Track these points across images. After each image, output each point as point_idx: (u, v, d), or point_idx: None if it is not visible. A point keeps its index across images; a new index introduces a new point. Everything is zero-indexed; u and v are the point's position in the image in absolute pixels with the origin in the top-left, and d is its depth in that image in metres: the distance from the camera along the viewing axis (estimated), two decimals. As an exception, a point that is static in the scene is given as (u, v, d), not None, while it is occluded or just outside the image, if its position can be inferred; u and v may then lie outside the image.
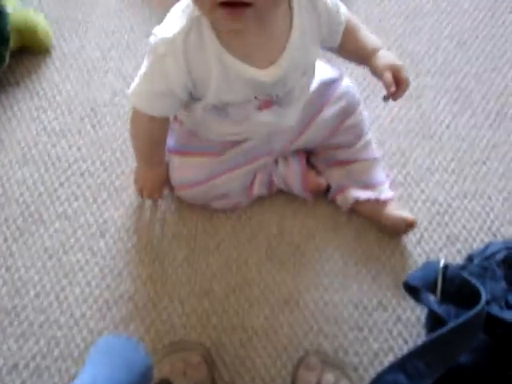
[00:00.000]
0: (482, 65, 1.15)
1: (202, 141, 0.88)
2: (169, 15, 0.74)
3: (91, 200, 0.95)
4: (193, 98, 0.78)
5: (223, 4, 0.62)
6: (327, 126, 0.92)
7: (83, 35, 1.12)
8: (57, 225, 0.92)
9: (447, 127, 1.06)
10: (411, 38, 1.17)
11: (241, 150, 0.89)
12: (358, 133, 0.94)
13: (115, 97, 1.04)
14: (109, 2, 1.17)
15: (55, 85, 1.06)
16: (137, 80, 0.77)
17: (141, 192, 0.92)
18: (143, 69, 0.76)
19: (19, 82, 1.05)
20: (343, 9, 0.81)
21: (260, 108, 0.80)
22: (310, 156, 0.97)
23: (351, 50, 0.86)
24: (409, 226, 0.91)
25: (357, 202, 0.93)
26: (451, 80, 1.12)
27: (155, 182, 0.91)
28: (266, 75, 0.75)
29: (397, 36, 1.17)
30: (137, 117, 0.82)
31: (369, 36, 0.86)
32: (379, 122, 1.05)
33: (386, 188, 0.94)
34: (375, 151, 0.96)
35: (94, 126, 1.01)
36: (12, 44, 1.03)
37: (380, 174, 0.95)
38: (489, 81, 1.13)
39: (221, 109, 0.79)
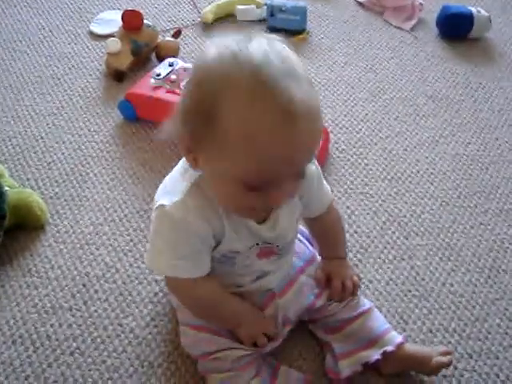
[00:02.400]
0: (468, 222, 1.18)
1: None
2: (166, 184, 0.78)
3: (81, 381, 0.90)
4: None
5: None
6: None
7: (77, 211, 1.14)
8: (43, 411, 0.86)
9: (443, 285, 1.06)
10: (397, 201, 1.21)
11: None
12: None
13: (107, 272, 1.04)
14: (101, 179, 1.22)
15: (48, 260, 1.06)
16: (157, 254, 0.79)
17: (259, 343, 0.87)
18: (161, 240, 0.77)
19: (12, 259, 1.05)
20: (328, 197, 0.92)
21: (259, 255, 0.83)
22: (309, 324, 0.95)
23: (321, 235, 0.97)
24: (443, 354, 0.89)
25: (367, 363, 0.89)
26: (441, 239, 1.14)
27: (254, 321, 0.88)
28: (266, 230, 0.80)
29: (382, 199, 1.21)
30: (179, 289, 0.84)
31: (342, 240, 0.98)
32: (374, 286, 1.04)
33: (393, 335, 0.90)
34: (366, 302, 0.95)
35: (85, 303, 0.99)
36: (7, 222, 1.04)
37: (382, 323, 0.92)
38: (477, 236, 1.15)
39: (230, 257, 0.81)
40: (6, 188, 1.07)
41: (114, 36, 1.48)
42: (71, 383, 0.89)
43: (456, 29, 1.68)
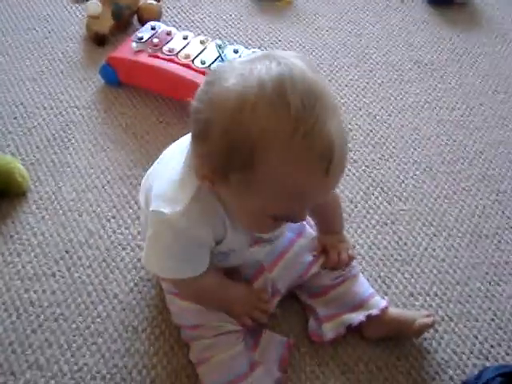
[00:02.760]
0: (451, 187, 1.19)
1: None
2: (165, 190, 0.76)
3: (65, 346, 0.90)
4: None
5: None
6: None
7: (59, 178, 1.13)
8: (27, 375, 0.87)
9: (425, 250, 1.07)
10: (380, 167, 1.21)
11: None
12: None
13: (90, 238, 1.04)
14: (83, 145, 1.20)
15: (30, 227, 1.05)
16: (156, 257, 0.79)
17: (250, 318, 0.88)
18: (161, 245, 0.77)
19: (-7, 227, 1.05)
20: None
21: (251, 245, 0.84)
22: (295, 290, 0.96)
23: (318, 213, 0.94)
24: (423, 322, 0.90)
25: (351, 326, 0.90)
26: (424, 204, 1.15)
27: (247, 299, 0.89)
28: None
29: (366, 165, 1.21)
30: (181, 284, 0.84)
31: (339, 217, 0.99)
32: (357, 251, 1.05)
33: (377, 299, 0.92)
34: (352, 268, 0.96)
35: (69, 269, 0.99)
36: (-12, 189, 1.03)
37: (366, 288, 0.94)
38: (460, 202, 1.16)
39: (227, 254, 0.83)
40: (-14, 155, 1.05)
41: (94, -2, 1.44)
42: (55, 349, 0.90)
43: (442, -7, 1.66)
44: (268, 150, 0.61)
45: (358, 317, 0.90)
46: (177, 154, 0.79)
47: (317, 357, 0.91)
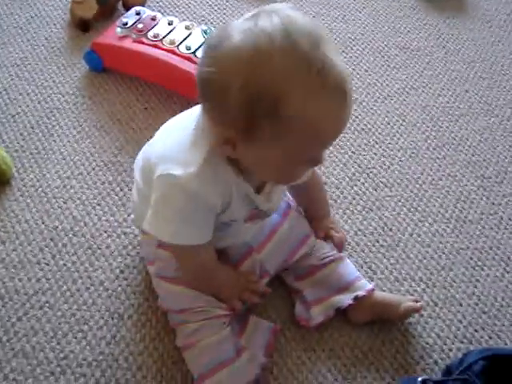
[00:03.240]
0: (436, 173, 1.19)
1: None
2: (174, 152, 0.76)
3: (51, 334, 0.90)
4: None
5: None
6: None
7: (43, 165, 1.12)
8: (13, 363, 0.86)
9: (410, 235, 1.07)
10: (366, 153, 1.21)
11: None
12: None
13: (76, 225, 1.03)
14: (67, 132, 1.19)
15: (15, 215, 1.04)
16: (165, 222, 0.78)
17: (239, 300, 0.88)
18: (171, 209, 0.76)
19: (-23, 215, 1.04)
20: None
21: (246, 220, 0.84)
22: (282, 272, 0.96)
23: (305, 200, 0.99)
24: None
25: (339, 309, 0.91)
26: (409, 190, 1.15)
27: (236, 282, 0.89)
28: (262, 200, 0.82)
29: (352, 151, 1.21)
30: (184, 254, 0.83)
31: (324, 199, 1.02)
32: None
33: (363, 282, 0.93)
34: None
35: (54, 256, 0.99)
36: (-29, 177, 1.02)
37: (352, 271, 0.95)
38: (445, 187, 1.17)
39: (227, 225, 0.83)
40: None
41: (78, -17, 1.42)
42: (41, 337, 0.90)
43: (429, -22, 1.65)
44: (290, 94, 0.63)
45: (346, 299, 0.91)
46: (179, 128, 0.80)
47: (303, 342, 0.92)
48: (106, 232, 1.03)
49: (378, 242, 1.06)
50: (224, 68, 0.66)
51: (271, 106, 0.64)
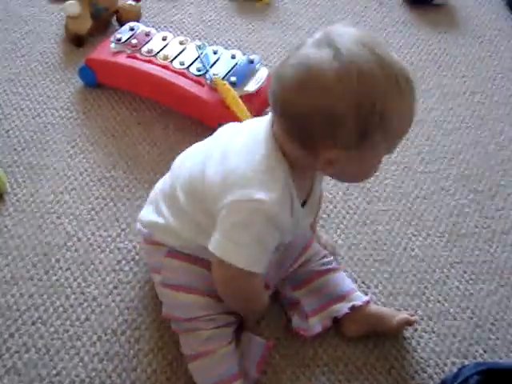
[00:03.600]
0: (429, 187, 1.20)
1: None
2: (251, 178, 0.75)
3: (44, 350, 0.89)
4: None
5: None
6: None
7: (37, 180, 1.12)
8: (5, 380, 0.85)
9: (404, 250, 1.08)
10: (360, 166, 1.22)
11: None
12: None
13: (69, 241, 1.03)
14: (61, 147, 1.19)
15: (7, 230, 1.04)
16: (241, 248, 0.76)
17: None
18: (249, 234, 0.75)
19: (-30, 231, 1.03)
20: None
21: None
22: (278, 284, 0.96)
23: None
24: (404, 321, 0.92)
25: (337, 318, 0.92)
26: (402, 204, 1.15)
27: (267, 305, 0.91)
28: (304, 214, 0.83)
29: (346, 164, 1.21)
30: (242, 279, 0.79)
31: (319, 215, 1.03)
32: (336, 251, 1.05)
33: (359, 294, 0.94)
34: (336, 263, 0.99)
35: (47, 272, 0.98)
36: (-36, 192, 1.02)
37: (349, 283, 0.96)
38: (438, 201, 1.17)
39: (277, 249, 0.83)
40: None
41: (73, -2, 1.43)
42: (34, 353, 0.89)
43: (421, -6, 1.67)
44: (387, 101, 0.69)
45: (342, 309, 0.91)
46: (244, 152, 0.78)
47: (297, 358, 0.91)
48: (99, 247, 1.02)
49: (371, 256, 1.06)
50: (335, 97, 0.68)
51: (379, 116, 0.69)
